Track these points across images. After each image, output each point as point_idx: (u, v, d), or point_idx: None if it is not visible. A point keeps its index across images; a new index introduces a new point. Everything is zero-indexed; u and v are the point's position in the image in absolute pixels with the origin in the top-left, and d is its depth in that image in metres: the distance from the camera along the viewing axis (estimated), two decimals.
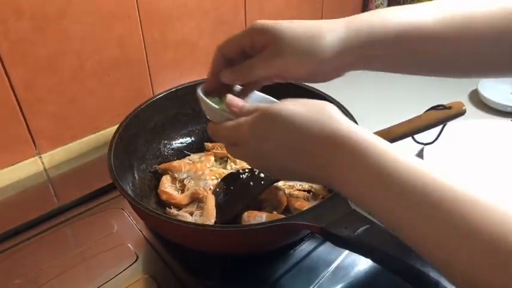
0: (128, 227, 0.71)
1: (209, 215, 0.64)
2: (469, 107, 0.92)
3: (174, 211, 0.67)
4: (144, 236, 0.69)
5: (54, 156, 0.82)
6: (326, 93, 0.77)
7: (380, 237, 0.47)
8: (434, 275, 0.42)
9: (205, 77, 0.84)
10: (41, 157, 0.81)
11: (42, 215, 0.72)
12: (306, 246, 0.65)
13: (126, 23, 0.80)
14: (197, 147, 0.82)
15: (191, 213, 0.67)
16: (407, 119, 0.89)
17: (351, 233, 0.48)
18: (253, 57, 0.48)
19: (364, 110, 0.75)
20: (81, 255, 0.67)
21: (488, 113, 0.89)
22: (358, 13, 1.22)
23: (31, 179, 0.80)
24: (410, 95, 0.97)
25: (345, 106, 0.73)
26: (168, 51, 0.88)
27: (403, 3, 1.18)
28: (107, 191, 0.77)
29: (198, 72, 0.95)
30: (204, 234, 0.55)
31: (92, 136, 0.85)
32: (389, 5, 1.21)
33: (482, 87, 0.90)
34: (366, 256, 0.47)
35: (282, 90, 0.80)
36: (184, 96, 0.80)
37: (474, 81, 0.95)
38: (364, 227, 0.48)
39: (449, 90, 0.98)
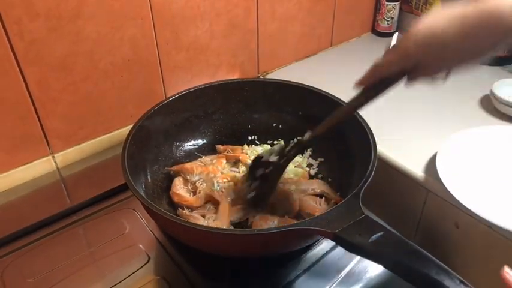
0: (139, 228, 0.71)
1: (223, 220, 0.65)
2: (481, 113, 0.91)
3: (186, 212, 0.67)
4: (156, 237, 0.69)
5: (67, 156, 0.83)
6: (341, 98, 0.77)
7: (394, 245, 0.47)
8: (449, 283, 0.42)
9: (217, 79, 0.85)
10: (53, 157, 0.81)
11: (55, 214, 0.73)
12: (317, 251, 0.65)
13: (139, 24, 0.80)
14: (209, 149, 0.83)
15: (203, 216, 0.67)
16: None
17: (364, 240, 0.48)
18: None
19: (376, 115, 0.75)
20: (93, 255, 0.67)
21: (501, 119, 0.88)
22: (370, 17, 1.22)
23: (44, 178, 0.81)
24: (422, 99, 0.97)
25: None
26: (180, 52, 0.89)
27: (416, 8, 1.18)
28: (119, 192, 0.77)
29: (210, 74, 0.96)
30: (216, 237, 0.55)
31: (105, 136, 0.86)
32: (401, 9, 1.20)
33: (497, 90, 0.89)
34: (380, 263, 0.47)
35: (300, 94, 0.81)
36: (197, 98, 0.80)
37: (487, 86, 0.94)
38: (378, 234, 0.48)
39: (459, 94, 0.98)
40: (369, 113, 0.72)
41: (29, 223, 0.71)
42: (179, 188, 0.72)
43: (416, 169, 0.77)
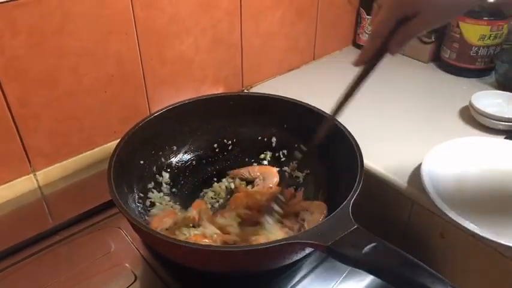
0: (125, 247, 0.69)
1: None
2: (460, 124, 0.93)
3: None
4: (142, 256, 0.68)
5: (49, 173, 0.81)
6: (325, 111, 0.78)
7: (388, 256, 0.47)
8: None
9: (202, 94, 0.85)
10: (35, 174, 0.79)
11: (36, 234, 0.70)
12: (308, 264, 0.65)
13: (124, 39, 0.80)
14: (196, 166, 0.82)
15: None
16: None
17: (358, 252, 0.48)
18: None
19: (358, 126, 0.76)
20: (77, 276, 0.65)
21: (480, 130, 0.90)
22: (351, 31, 1.25)
23: (25, 197, 0.78)
24: (402, 110, 0.99)
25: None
26: (164, 67, 0.88)
27: None
28: (103, 210, 0.75)
29: (194, 88, 0.96)
30: (207, 254, 0.54)
31: (88, 153, 0.84)
32: None
33: (476, 102, 0.91)
34: (374, 275, 0.47)
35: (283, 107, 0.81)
36: (182, 113, 0.80)
37: (465, 98, 0.97)
38: (371, 245, 0.48)
39: (439, 105, 1.00)
40: (350, 125, 0.73)
41: (8, 244, 0.68)
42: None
43: (401, 180, 0.77)
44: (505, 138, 0.85)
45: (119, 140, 0.71)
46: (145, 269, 0.66)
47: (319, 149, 0.78)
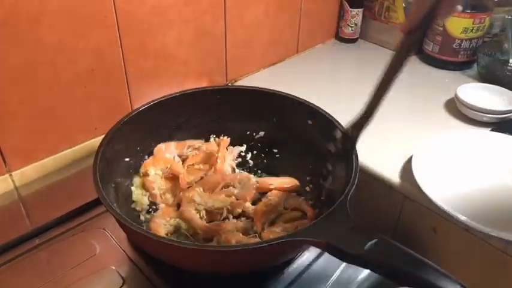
0: (111, 249, 0.66)
1: None
2: (446, 117, 0.94)
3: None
4: (129, 257, 0.65)
5: (26, 173, 0.76)
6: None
7: (391, 252, 0.46)
8: None
9: (185, 88, 0.82)
10: (11, 175, 0.75)
11: (13, 239, 0.67)
12: (302, 261, 0.63)
13: (104, 32, 0.76)
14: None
15: None
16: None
17: (359, 248, 0.46)
18: None
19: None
20: (59, 282, 0.61)
21: (466, 122, 0.91)
22: (334, 23, 1.22)
23: (0, 199, 0.74)
24: (385, 101, 0.98)
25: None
26: (147, 61, 0.85)
27: (378, 14, 1.21)
28: (85, 210, 0.72)
29: (178, 82, 0.93)
30: (201, 255, 0.52)
31: (67, 151, 0.80)
32: (364, 16, 1.22)
33: (461, 95, 0.92)
34: (378, 272, 0.46)
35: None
36: (167, 107, 0.77)
37: (449, 90, 0.97)
38: (372, 242, 0.47)
39: (424, 98, 1.00)
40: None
41: None
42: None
43: (391, 175, 0.77)
44: (491, 130, 0.86)
45: (100, 137, 0.68)
46: (133, 271, 0.63)
47: (310, 143, 0.77)
